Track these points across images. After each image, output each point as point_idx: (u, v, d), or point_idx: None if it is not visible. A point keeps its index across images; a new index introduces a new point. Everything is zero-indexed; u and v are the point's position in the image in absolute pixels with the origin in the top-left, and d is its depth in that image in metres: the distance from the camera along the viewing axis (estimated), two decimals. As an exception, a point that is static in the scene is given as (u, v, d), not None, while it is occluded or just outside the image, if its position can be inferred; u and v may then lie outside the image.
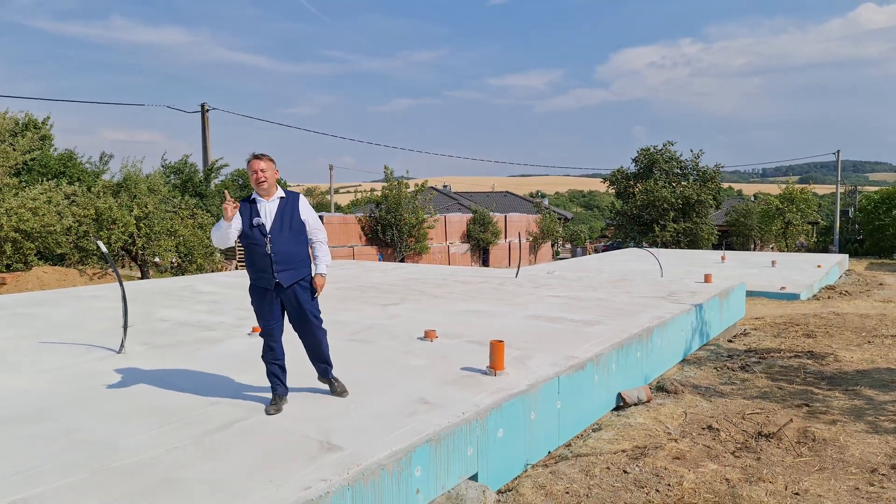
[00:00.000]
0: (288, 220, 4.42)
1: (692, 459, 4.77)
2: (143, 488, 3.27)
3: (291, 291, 4.40)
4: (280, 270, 4.33)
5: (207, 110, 33.65)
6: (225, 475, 3.44)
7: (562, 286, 11.30)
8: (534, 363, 5.70)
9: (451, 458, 4.09)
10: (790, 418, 5.67)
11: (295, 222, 4.45)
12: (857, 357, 8.37)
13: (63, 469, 3.49)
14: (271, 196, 4.44)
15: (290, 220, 4.43)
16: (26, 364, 5.85)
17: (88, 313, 8.68)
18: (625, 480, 4.38)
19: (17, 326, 7.73)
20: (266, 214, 4.38)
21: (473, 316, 8.21)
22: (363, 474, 3.46)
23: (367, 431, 4.05)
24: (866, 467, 4.66)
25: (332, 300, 9.64)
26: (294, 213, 4.46)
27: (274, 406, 4.46)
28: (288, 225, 4.41)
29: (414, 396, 4.78)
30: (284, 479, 3.38)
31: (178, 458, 3.66)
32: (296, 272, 4.41)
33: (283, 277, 4.35)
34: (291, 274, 4.38)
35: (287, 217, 4.42)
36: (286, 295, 4.41)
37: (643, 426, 5.62)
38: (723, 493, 4.15)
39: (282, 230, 4.37)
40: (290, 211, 4.45)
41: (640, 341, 6.95)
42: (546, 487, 4.29)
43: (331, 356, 4.79)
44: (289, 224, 4.41)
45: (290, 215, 4.44)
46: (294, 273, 4.40)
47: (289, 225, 4.41)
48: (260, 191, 4.42)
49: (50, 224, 17.19)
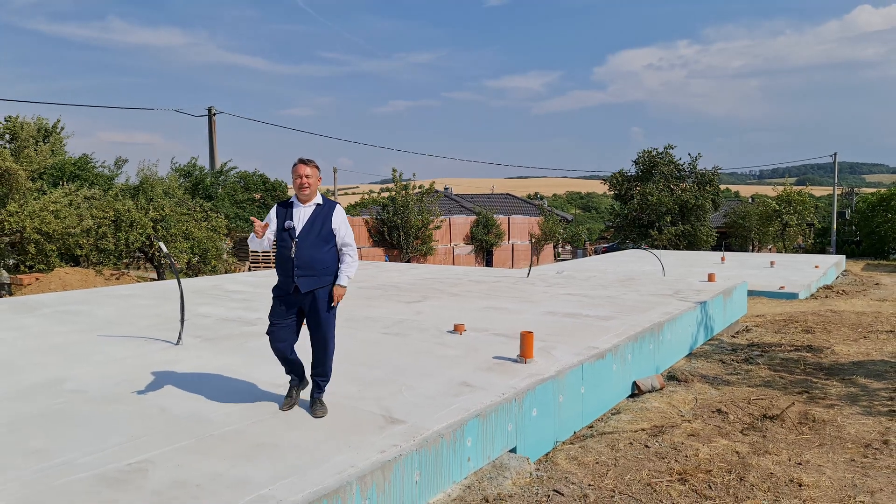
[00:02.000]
0: (318, 227, 4.39)
1: (705, 436, 5.34)
2: (244, 450, 3.82)
3: (311, 297, 4.39)
4: (300, 276, 4.32)
5: (214, 114, 34.22)
6: (309, 441, 3.99)
7: (573, 285, 11.86)
8: (558, 353, 6.26)
9: (495, 432, 4.65)
10: (792, 402, 6.24)
11: (325, 230, 4.41)
12: (853, 350, 8.94)
13: (170, 437, 4.05)
14: (309, 202, 4.47)
15: (321, 228, 4.39)
16: (94, 356, 6.40)
17: (131, 310, 9.21)
18: (647, 453, 4.94)
19: (67, 323, 8.26)
20: (299, 219, 4.40)
21: (494, 312, 8.77)
22: (426, 441, 4.02)
23: (422, 408, 4.61)
24: (861, 443, 5.23)
25: (358, 298, 10.20)
26: (326, 222, 4.42)
27: (287, 403, 4.64)
28: (317, 231, 4.38)
29: (456, 381, 5.33)
30: (361, 444, 3.93)
31: (265, 428, 4.22)
32: (316, 279, 4.37)
33: (302, 283, 4.33)
34: (311, 280, 4.35)
35: (318, 224, 4.40)
36: (305, 301, 4.40)
37: (658, 410, 6.19)
38: (734, 462, 4.71)
39: (308, 236, 4.35)
40: (322, 218, 4.42)
41: (652, 334, 7.52)
42: (578, 459, 4.86)
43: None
44: (318, 231, 4.38)
45: (322, 223, 4.41)
46: (314, 280, 4.36)
47: (318, 231, 4.38)
48: (301, 196, 4.44)
49: (71, 226, 17.73)
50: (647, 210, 37.62)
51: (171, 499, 3.23)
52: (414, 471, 3.88)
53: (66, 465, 3.62)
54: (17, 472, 3.54)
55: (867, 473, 4.56)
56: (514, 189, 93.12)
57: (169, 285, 12.50)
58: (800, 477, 4.42)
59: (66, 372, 5.70)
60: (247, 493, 3.29)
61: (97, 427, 4.26)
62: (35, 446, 3.93)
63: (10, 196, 17.58)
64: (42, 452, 3.83)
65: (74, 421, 4.41)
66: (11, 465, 3.64)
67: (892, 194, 36.09)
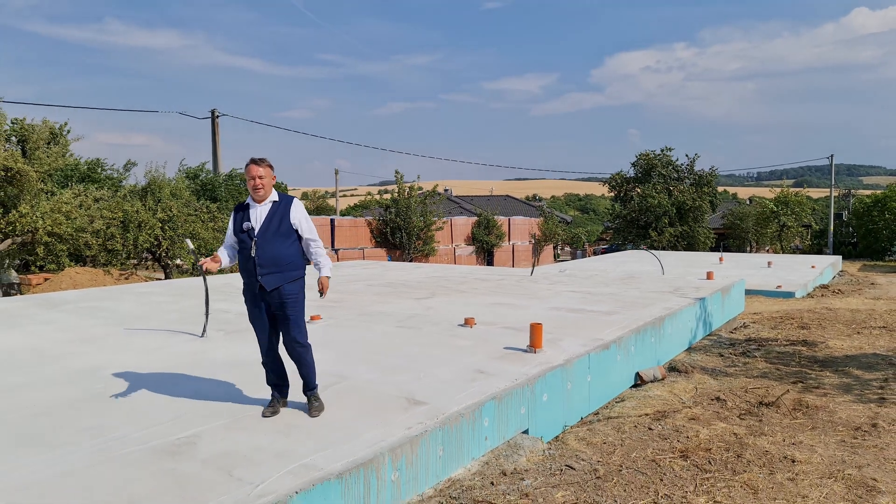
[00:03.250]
0: (276, 224, 4.35)
1: (705, 420, 5.68)
2: (279, 428, 4.16)
3: (277, 294, 4.32)
4: (263, 274, 4.26)
5: (218, 116, 34.52)
6: (339, 420, 4.33)
7: (575, 283, 12.21)
8: (565, 344, 6.60)
9: (509, 414, 4.99)
10: (787, 390, 6.59)
11: (284, 226, 4.36)
12: (847, 345, 9.29)
13: (208, 417, 4.38)
14: (265, 201, 4.41)
15: (279, 224, 4.35)
16: (126, 346, 6.73)
17: (151, 307, 9.54)
18: (650, 434, 5.28)
19: (93, 318, 8.59)
20: (256, 218, 4.35)
21: (501, 308, 9.10)
22: (448, 420, 4.35)
23: (442, 392, 4.95)
24: (851, 426, 5.57)
25: (369, 295, 10.53)
26: (284, 217, 4.38)
27: (270, 408, 4.47)
28: (276, 228, 4.34)
29: (471, 368, 5.67)
30: (388, 422, 4.27)
31: (296, 410, 4.55)
32: (280, 276, 4.31)
33: (267, 281, 4.28)
34: (276, 277, 4.30)
35: (276, 221, 4.35)
36: (271, 298, 4.33)
37: (661, 397, 6.53)
38: (732, 442, 5.06)
39: (267, 233, 4.30)
40: (280, 215, 4.38)
41: (653, 328, 7.86)
42: (586, 440, 5.20)
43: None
44: (276, 227, 4.34)
45: (280, 219, 4.37)
46: (279, 276, 4.31)
47: (276, 228, 4.34)
48: (255, 197, 4.39)
49: (81, 227, 18.05)
50: (645, 211, 37.99)
51: (223, 465, 3.56)
52: (438, 446, 4.22)
53: (120, 440, 3.96)
54: (78, 446, 3.88)
55: (856, 452, 4.90)
56: (511, 191, 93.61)
57: (183, 283, 12.83)
58: (793, 454, 4.76)
59: (104, 360, 6.04)
60: (291, 461, 3.62)
61: (141, 407, 4.59)
62: (88, 424, 4.26)
63: (21, 197, 17.89)
64: (96, 429, 4.16)
65: (119, 402, 4.74)
66: (71, 441, 3.98)
67: (888, 196, 36.50)
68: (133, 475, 3.46)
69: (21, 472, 3.51)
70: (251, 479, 3.40)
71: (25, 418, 4.41)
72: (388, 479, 3.80)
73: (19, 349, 6.60)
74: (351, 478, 3.53)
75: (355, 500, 3.57)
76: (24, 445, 3.91)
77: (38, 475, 3.47)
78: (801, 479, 4.32)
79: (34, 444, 3.94)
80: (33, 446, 3.89)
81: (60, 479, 3.41)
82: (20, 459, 3.69)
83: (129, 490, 3.27)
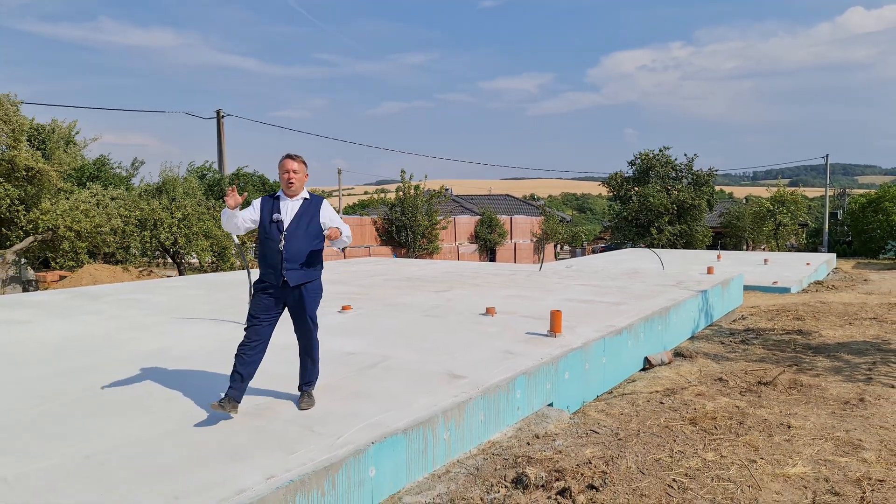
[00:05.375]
0: (306, 222, 4.44)
1: (710, 396, 6.31)
2: (344, 396, 4.78)
3: (297, 292, 4.43)
4: (289, 269, 4.34)
5: (223, 116, 35.16)
6: (393, 390, 4.95)
7: (583, 278, 12.85)
8: (581, 330, 7.23)
9: (537, 389, 5.62)
10: (783, 370, 7.23)
11: (313, 225, 4.46)
12: (839, 334, 9.94)
13: (277, 389, 4.99)
14: (296, 197, 4.52)
15: (309, 222, 4.45)
16: (177, 333, 7.33)
17: (185, 300, 10.14)
18: (661, 407, 5.92)
19: (135, 308, 9.19)
20: (287, 212, 4.43)
21: (517, 299, 9.73)
22: (488, 391, 4.98)
23: (478, 368, 5.57)
24: (841, 400, 6.21)
25: (388, 288, 11.15)
26: (314, 216, 4.48)
27: (220, 403, 4.17)
28: (305, 225, 4.43)
29: (499, 349, 6.29)
30: (436, 391, 4.89)
31: (354, 382, 5.18)
32: (304, 273, 4.41)
33: (291, 276, 4.35)
34: (300, 274, 4.39)
35: (307, 218, 4.45)
36: (291, 294, 4.43)
37: (669, 378, 7.17)
38: (735, 412, 5.69)
39: (297, 230, 4.39)
40: (310, 213, 4.48)
41: (660, 317, 8.50)
42: (605, 411, 5.83)
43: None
44: (306, 225, 4.43)
45: (310, 217, 4.46)
46: (303, 274, 4.40)
47: (306, 226, 4.43)
48: (288, 191, 4.48)
49: (99, 225, 18.63)
50: (645, 210, 38.66)
51: (304, 424, 4.19)
52: (479, 412, 4.85)
53: (207, 406, 4.57)
54: (171, 412, 4.50)
55: (844, 420, 5.54)
56: (509, 190, 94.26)
57: (208, 278, 13.43)
58: (789, 421, 5.40)
59: (166, 344, 6.65)
60: (360, 421, 4.24)
61: (216, 380, 5.20)
62: (174, 393, 4.88)
63: (41, 196, 18.45)
64: (181, 398, 4.78)
65: (195, 376, 5.36)
66: (163, 407, 4.59)
67: (882, 196, 37.22)
68: (231, 431, 4.08)
69: (132, 431, 4.13)
70: (331, 433, 4.02)
71: (120, 390, 5.02)
72: (442, 438, 4.43)
73: (83, 335, 7.20)
74: (413, 433, 4.15)
75: (416, 453, 4.19)
76: (128, 410, 4.52)
77: (146, 434, 4.08)
78: (796, 439, 4.95)
79: (134, 408, 4.55)
80: (135, 409, 4.51)
81: (163, 438, 4.02)
82: (131, 421, 4.30)
83: (233, 442, 3.89)
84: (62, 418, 4.37)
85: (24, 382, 5.26)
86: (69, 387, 5.10)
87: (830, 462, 4.52)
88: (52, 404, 4.67)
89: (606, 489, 3.95)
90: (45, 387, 5.12)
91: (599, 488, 3.93)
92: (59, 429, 4.16)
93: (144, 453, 3.73)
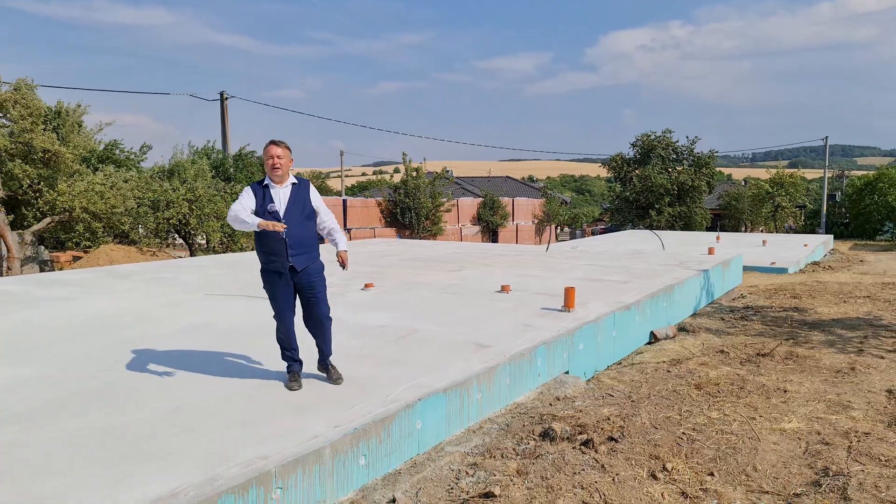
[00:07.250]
0: (301, 207, 4.60)
1: (713, 365, 6.85)
2: (383, 363, 5.30)
3: (305, 274, 4.61)
4: (294, 255, 4.52)
5: (226, 98, 35.39)
6: (427, 359, 5.46)
7: (588, 258, 13.35)
8: (592, 306, 7.74)
9: (555, 358, 6.14)
10: (780, 343, 7.76)
11: (307, 209, 4.63)
12: (834, 311, 10.48)
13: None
14: (284, 182, 4.59)
15: (303, 207, 4.61)
16: (215, 309, 7.82)
17: (210, 278, 10.62)
18: (668, 375, 6.45)
19: (166, 286, 9.68)
20: (279, 200, 4.55)
21: (528, 278, 10.24)
22: (513, 358, 5.49)
23: (501, 339, 6.08)
24: (833, 369, 6.74)
25: (403, 268, 11.65)
26: (306, 201, 4.64)
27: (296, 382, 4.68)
28: (300, 210, 4.59)
29: (518, 323, 6.81)
30: (467, 359, 5.40)
31: (389, 352, 5.68)
32: (308, 256, 4.61)
33: (297, 261, 4.54)
34: (305, 258, 4.58)
35: (300, 204, 4.60)
36: (299, 278, 4.60)
37: (674, 350, 7.70)
38: (736, 379, 6.22)
39: (294, 216, 4.54)
40: (302, 198, 4.63)
41: (665, 294, 9.02)
42: (617, 378, 6.37)
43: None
44: (301, 210, 4.59)
45: (303, 202, 4.62)
46: (307, 257, 4.60)
47: (300, 210, 4.59)
48: (274, 177, 4.54)
49: (114, 206, 19.07)
50: (646, 192, 39.10)
51: (355, 384, 4.70)
52: (506, 377, 5.37)
53: (263, 372, 5.07)
54: (230, 378, 5.00)
55: (836, 385, 6.07)
56: (507, 171, 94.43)
57: (226, 258, 13.91)
58: (785, 387, 5.94)
59: (205, 319, 7.15)
60: (404, 382, 4.76)
61: (266, 350, 5.68)
62: (231, 362, 5.39)
63: (57, 178, 18.86)
64: (238, 366, 5.28)
65: (244, 347, 5.85)
66: (225, 373, 5.10)
67: (879, 177, 37.69)
68: (291, 393, 4.59)
69: (200, 392, 4.63)
70: (381, 392, 4.54)
71: (176, 358, 5.52)
72: (475, 398, 4.95)
73: (126, 311, 7.69)
74: (452, 393, 4.67)
75: (455, 411, 4.71)
76: (190, 375, 5.02)
77: (215, 394, 4.59)
78: (792, 401, 5.49)
79: (194, 374, 5.06)
80: (195, 374, 5.01)
81: (231, 398, 4.53)
82: (197, 384, 4.81)
83: (296, 401, 4.41)
84: (134, 381, 4.88)
85: (89, 351, 5.76)
86: (129, 356, 5.60)
87: (822, 419, 5.06)
88: (118, 372, 5.16)
89: (624, 440, 4.48)
90: (107, 355, 5.61)
91: (618, 440, 4.46)
92: (137, 391, 4.66)
93: (220, 409, 4.24)
